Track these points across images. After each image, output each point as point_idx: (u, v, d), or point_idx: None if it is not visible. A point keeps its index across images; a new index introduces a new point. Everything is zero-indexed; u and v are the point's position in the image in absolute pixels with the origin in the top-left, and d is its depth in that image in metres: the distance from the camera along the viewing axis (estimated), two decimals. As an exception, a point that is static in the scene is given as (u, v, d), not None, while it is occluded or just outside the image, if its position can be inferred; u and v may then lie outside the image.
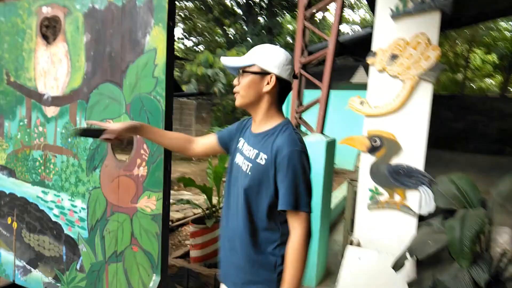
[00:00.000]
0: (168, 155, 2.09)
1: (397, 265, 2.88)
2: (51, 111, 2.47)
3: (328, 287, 3.51)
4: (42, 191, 2.55)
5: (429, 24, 3.04)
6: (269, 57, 1.49)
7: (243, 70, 1.53)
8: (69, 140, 2.40)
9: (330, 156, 3.49)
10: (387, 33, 3.18)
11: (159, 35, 2.01)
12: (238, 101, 1.56)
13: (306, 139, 3.46)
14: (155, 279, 2.13)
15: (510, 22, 19.10)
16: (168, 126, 2.07)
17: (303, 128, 3.75)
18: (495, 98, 16.55)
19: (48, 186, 2.52)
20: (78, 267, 2.43)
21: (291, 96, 3.62)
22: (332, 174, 3.65)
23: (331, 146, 3.48)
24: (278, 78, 1.50)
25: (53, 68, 2.44)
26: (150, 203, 2.12)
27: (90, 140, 2.31)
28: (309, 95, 4.10)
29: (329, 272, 3.74)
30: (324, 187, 3.44)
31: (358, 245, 3.32)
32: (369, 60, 3.24)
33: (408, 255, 2.78)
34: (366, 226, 3.31)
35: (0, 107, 2.74)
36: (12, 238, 2.75)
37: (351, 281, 3.20)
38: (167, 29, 2.00)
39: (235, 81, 1.57)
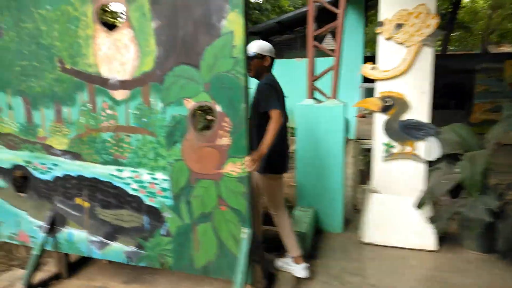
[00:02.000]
0: (247, 126, 2.43)
1: (420, 204, 3.49)
2: (120, 94, 2.68)
3: (351, 232, 4.08)
4: (116, 169, 2.79)
5: (428, -5, 3.52)
6: (264, 47, 3.03)
7: (253, 57, 2.98)
8: (144, 119, 2.64)
9: (345, 118, 3.96)
10: (392, 5, 3.63)
11: (236, 19, 2.30)
12: (252, 74, 3.01)
13: (324, 105, 3.90)
14: (246, 231, 2.52)
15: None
16: (247, 99, 2.40)
17: (318, 95, 4.17)
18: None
19: (123, 164, 2.76)
20: (163, 232, 2.74)
21: (308, 68, 4.01)
22: (345, 133, 4.14)
23: (345, 109, 3.95)
24: (270, 57, 3.02)
25: (118, 54, 2.63)
26: (235, 167, 2.47)
27: (167, 117, 2.58)
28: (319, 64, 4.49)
29: (346, 220, 4.30)
30: (343, 146, 3.93)
31: (375, 192, 3.89)
32: (378, 29, 3.69)
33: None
34: (382, 176, 3.88)
35: (55, 94, 2.87)
36: (83, 217, 2.97)
37: (378, 222, 3.78)
38: (243, 14, 2.29)
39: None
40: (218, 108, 2.44)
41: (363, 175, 5.13)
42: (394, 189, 3.84)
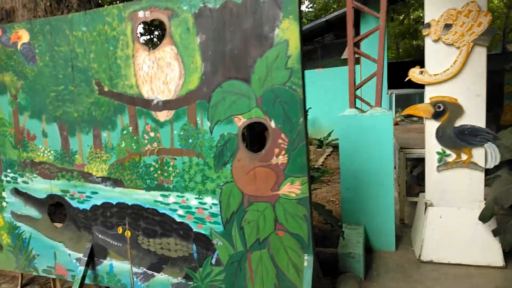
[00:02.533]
0: (306, 141, 2.27)
1: (485, 217, 3.25)
2: (163, 115, 2.56)
3: (404, 249, 3.84)
4: (161, 194, 2.65)
5: (478, -8, 3.35)
6: None
7: None
8: (190, 140, 2.51)
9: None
10: (438, 5, 3.47)
11: (291, 26, 2.16)
12: None
13: (370, 114, 3.72)
14: (308, 258, 2.33)
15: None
16: (305, 113, 2.24)
17: (359, 104, 4.00)
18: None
19: (169, 189, 2.63)
20: (213, 261, 2.58)
21: (349, 76, 3.85)
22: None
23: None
24: None
25: (161, 73, 2.52)
26: (294, 188, 2.30)
27: (215, 137, 2.44)
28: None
29: (396, 236, 4.06)
30: (392, 157, 3.73)
31: (431, 205, 3.66)
32: (425, 31, 3.52)
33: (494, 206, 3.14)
34: (437, 187, 3.65)
35: (93, 118, 2.77)
36: (125, 247, 2.83)
37: (436, 238, 3.54)
38: (299, 20, 2.15)
39: None
40: (272, 124, 2.29)
41: (409, 186, 4.89)
42: (451, 200, 3.61)
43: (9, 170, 3.13)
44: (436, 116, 3.58)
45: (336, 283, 3.13)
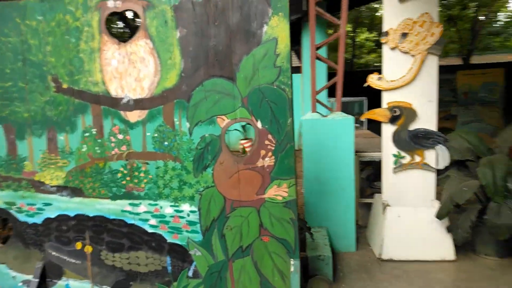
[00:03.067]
0: (293, 142, 2.22)
1: (442, 214, 3.46)
2: (135, 115, 2.34)
3: (363, 249, 3.96)
4: (130, 203, 2.42)
5: (430, 5, 3.61)
6: None
7: None
8: (166, 143, 2.32)
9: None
10: (396, 14, 3.67)
11: (280, 24, 2.11)
12: None
13: (332, 118, 3.80)
14: (295, 263, 2.27)
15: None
16: (292, 113, 2.20)
17: (320, 109, 4.07)
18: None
19: (139, 197, 2.40)
20: (190, 273, 2.40)
21: (310, 81, 3.90)
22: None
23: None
24: None
25: (133, 68, 2.31)
26: (281, 191, 2.23)
27: (195, 139, 2.29)
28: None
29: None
30: (353, 160, 3.83)
31: (388, 205, 3.82)
32: (383, 39, 3.70)
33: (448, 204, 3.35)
34: (392, 188, 3.83)
35: (48, 119, 2.45)
36: (85, 265, 2.53)
37: (395, 237, 3.69)
38: (288, 18, 2.11)
39: None
40: (259, 124, 2.20)
41: (361, 188, 5.07)
42: (406, 200, 3.79)
43: None
44: (392, 120, 3.75)
45: (307, 286, 3.10)
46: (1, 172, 2.54)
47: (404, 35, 3.65)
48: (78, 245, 2.51)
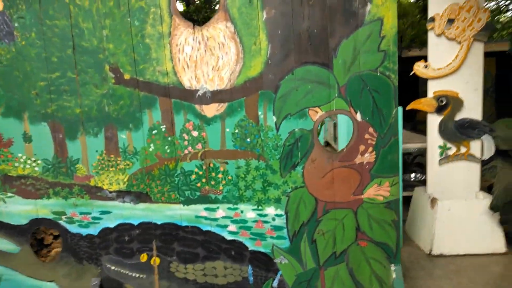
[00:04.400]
0: (398, 136, 2.01)
1: (497, 206, 3.35)
2: (212, 109, 2.05)
3: (410, 245, 3.82)
4: (206, 208, 2.13)
5: (477, -11, 3.46)
6: None
7: None
8: (248, 140, 2.05)
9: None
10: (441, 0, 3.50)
11: (386, 2, 1.87)
12: None
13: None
14: (396, 268, 2.07)
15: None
16: (397, 103, 1.99)
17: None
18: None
19: (217, 201, 2.12)
20: (275, 284, 2.15)
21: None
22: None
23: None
24: None
25: (211, 56, 2.01)
26: (382, 190, 2.02)
27: (283, 135, 2.03)
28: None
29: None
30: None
31: (435, 199, 3.69)
32: (429, 25, 3.53)
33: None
34: (438, 181, 3.69)
35: (107, 115, 2.13)
36: (152, 279, 2.23)
37: (446, 231, 3.57)
38: (394, -4, 1.88)
39: None
40: (358, 116, 1.97)
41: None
42: (452, 193, 3.67)
43: (-36, 190, 2.26)
44: (438, 110, 3.60)
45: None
46: (48, 178, 2.20)
47: (451, 21, 3.49)
48: (143, 257, 2.21)
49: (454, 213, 3.61)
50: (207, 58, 2.01)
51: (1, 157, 2.21)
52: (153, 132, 2.10)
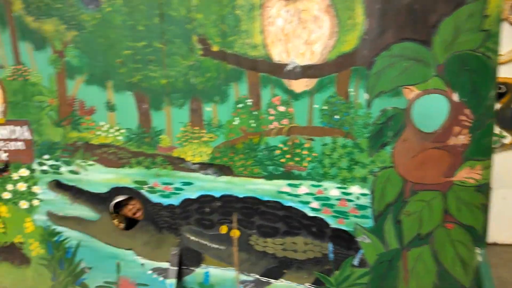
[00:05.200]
0: (493, 119, 1.97)
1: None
2: (301, 84, 2.06)
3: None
4: (289, 184, 2.17)
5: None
6: None
7: None
8: (337, 117, 2.04)
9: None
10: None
11: (494, -21, 1.81)
12: None
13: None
14: (482, 251, 2.08)
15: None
16: (495, 85, 1.94)
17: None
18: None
19: (300, 177, 2.16)
20: (355, 262, 2.20)
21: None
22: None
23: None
24: None
25: (303, 29, 2.00)
26: (473, 173, 2.01)
27: (374, 113, 2.01)
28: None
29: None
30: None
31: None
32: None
33: None
34: (494, 169, 3.65)
35: (192, 87, 2.16)
36: (230, 250, 2.30)
37: (500, 220, 3.55)
38: (506, -28, 1.81)
39: None
40: (455, 97, 1.94)
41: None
42: (507, 181, 3.64)
43: (46, 156, 2.35)
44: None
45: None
46: (131, 147, 2.26)
47: (514, 6, 3.37)
48: (224, 229, 2.28)
49: (510, 202, 3.60)
50: (299, 32, 2.00)
51: (83, 124, 2.27)
52: (239, 105, 2.12)
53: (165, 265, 2.40)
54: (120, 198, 2.37)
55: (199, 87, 2.16)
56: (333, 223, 2.21)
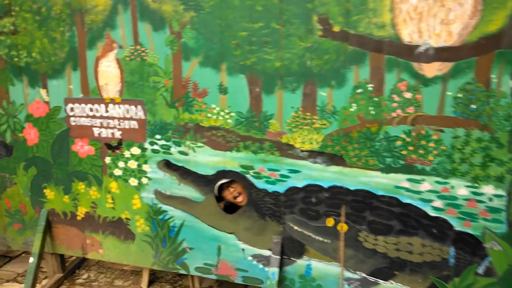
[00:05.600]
0: None
1: None
2: (433, 68, 1.83)
3: None
4: (408, 179, 1.96)
5: None
6: None
7: None
8: (474, 106, 1.79)
9: None
10: None
11: None
12: None
13: None
14: None
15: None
16: None
17: None
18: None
19: (423, 172, 1.93)
20: (480, 270, 1.93)
21: None
22: None
23: None
24: None
25: (440, 8, 1.77)
26: None
27: (521, 103, 1.73)
28: None
29: None
30: None
31: None
32: None
33: None
34: None
35: (307, 70, 2.03)
36: (336, 245, 2.15)
37: None
38: None
39: None
40: None
41: None
42: None
43: (158, 136, 2.36)
44: None
45: None
46: (239, 131, 2.19)
47: None
48: (330, 222, 2.13)
49: None
50: (435, 10, 1.77)
51: (195, 106, 2.24)
52: (358, 91, 1.96)
53: (266, 252, 2.32)
54: (224, 181, 2.33)
55: (315, 70, 2.02)
56: (458, 226, 1.95)
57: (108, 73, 2.36)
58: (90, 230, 2.68)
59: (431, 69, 1.85)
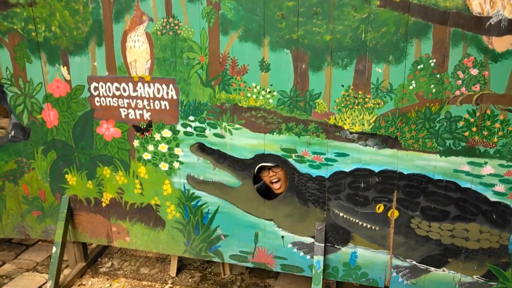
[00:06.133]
0: None
1: None
2: (505, 43, 1.64)
3: None
4: (469, 162, 1.80)
5: None
6: None
7: None
8: (549, 83, 1.62)
9: None
10: None
11: None
12: None
13: None
14: None
15: None
16: None
17: None
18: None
19: (486, 155, 1.77)
20: (543, 258, 1.79)
21: None
22: None
23: None
24: None
25: (518, -27, 1.56)
26: None
27: None
28: None
29: None
30: None
31: None
32: None
33: None
34: None
35: (362, 44, 1.82)
36: (386, 232, 2.00)
37: None
38: None
39: None
40: None
41: None
42: None
43: (191, 118, 2.16)
44: None
45: None
46: (282, 112, 2.00)
47: None
48: (380, 208, 1.98)
49: None
50: (512, -24, 1.56)
51: (233, 85, 2.04)
52: (418, 67, 1.77)
53: (307, 240, 2.17)
54: (268, 164, 2.15)
55: (371, 44, 1.82)
56: (520, 211, 1.82)
57: (137, 49, 2.12)
58: (116, 217, 2.48)
59: (503, 43, 1.66)
